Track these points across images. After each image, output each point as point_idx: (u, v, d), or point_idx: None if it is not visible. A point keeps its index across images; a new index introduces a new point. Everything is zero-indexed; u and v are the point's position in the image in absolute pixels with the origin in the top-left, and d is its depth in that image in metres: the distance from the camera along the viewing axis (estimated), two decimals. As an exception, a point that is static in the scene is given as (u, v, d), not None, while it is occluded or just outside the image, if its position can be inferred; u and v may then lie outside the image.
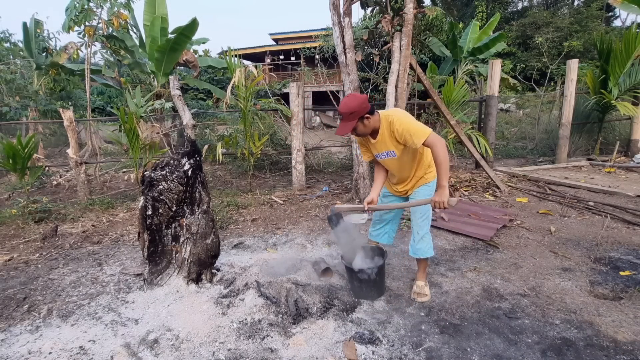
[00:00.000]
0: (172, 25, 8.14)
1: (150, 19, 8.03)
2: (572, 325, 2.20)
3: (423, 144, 2.22)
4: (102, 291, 2.81)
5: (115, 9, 7.30)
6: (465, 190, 5.23)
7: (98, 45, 8.25)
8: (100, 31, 7.47)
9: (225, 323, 2.26)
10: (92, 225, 4.44)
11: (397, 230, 2.85)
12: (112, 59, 9.20)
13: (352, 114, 2.26)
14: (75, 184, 5.90)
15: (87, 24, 7.15)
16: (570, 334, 2.12)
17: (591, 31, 16.16)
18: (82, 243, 3.92)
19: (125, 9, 7.57)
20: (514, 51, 17.29)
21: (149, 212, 2.54)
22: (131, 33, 8.44)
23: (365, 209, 2.47)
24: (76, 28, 7.23)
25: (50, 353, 2.08)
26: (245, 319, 2.29)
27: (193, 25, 7.56)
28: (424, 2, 5.23)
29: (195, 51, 13.39)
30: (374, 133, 2.41)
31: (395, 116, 2.33)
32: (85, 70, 7.58)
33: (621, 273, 2.80)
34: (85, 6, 6.95)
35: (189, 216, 2.64)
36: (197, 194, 2.66)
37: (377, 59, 6.03)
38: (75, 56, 8.53)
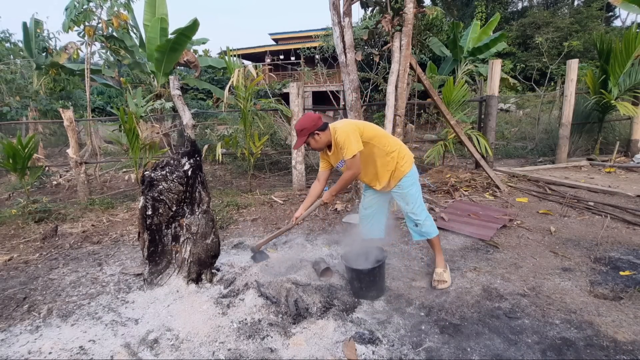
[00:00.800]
0: (172, 25, 8.15)
1: (150, 19, 8.04)
2: (572, 325, 2.20)
3: (347, 160, 2.49)
4: (102, 291, 2.81)
5: (115, 9, 7.30)
6: (465, 190, 5.23)
7: (98, 45, 8.26)
8: (100, 31, 7.48)
9: (225, 323, 2.26)
10: (92, 225, 4.44)
11: (385, 223, 2.96)
12: (112, 59, 9.20)
13: (303, 130, 2.51)
14: (75, 184, 5.90)
15: (87, 24, 7.16)
16: (570, 334, 2.12)
17: (591, 31, 16.14)
18: (82, 243, 3.93)
19: (125, 9, 7.57)
20: (514, 51, 17.28)
21: (149, 212, 2.54)
22: (131, 33, 8.44)
23: (294, 223, 2.84)
24: (76, 28, 7.23)
25: (50, 353, 2.08)
26: (245, 319, 2.29)
27: (194, 26, 7.57)
28: (424, 2, 5.23)
29: (195, 51, 13.39)
30: (330, 146, 2.65)
31: (338, 127, 2.54)
32: (85, 70, 7.58)
33: (621, 273, 2.80)
34: (85, 6, 6.96)
35: (189, 216, 2.64)
36: (197, 194, 2.66)
37: (377, 59, 6.03)
38: (75, 56, 8.54)
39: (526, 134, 9.34)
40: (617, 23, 20.22)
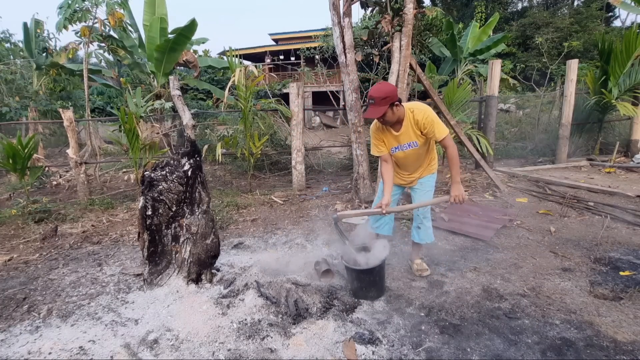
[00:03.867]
0: (173, 26, 8.14)
1: (149, 19, 8.03)
2: (572, 325, 2.20)
3: (442, 140, 2.47)
4: (102, 291, 2.81)
5: (111, 7, 7.30)
6: (465, 191, 5.23)
7: (96, 45, 8.27)
8: (97, 31, 7.47)
9: (225, 323, 2.26)
10: (92, 226, 4.44)
11: (394, 223, 3.03)
12: (111, 59, 9.20)
13: (385, 99, 2.33)
14: (75, 184, 5.90)
15: (83, 23, 7.16)
16: (570, 334, 2.12)
17: (591, 31, 16.14)
18: (82, 243, 3.92)
19: (121, 8, 7.57)
20: (513, 51, 17.27)
21: (149, 212, 2.54)
22: (129, 33, 8.44)
23: (384, 212, 2.53)
24: (71, 28, 7.23)
25: (50, 353, 2.08)
26: (245, 319, 2.28)
27: (192, 25, 7.55)
28: (424, 3, 5.22)
29: (195, 51, 13.38)
30: (398, 124, 2.52)
31: (417, 107, 2.49)
32: (84, 70, 7.59)
33: (621, 273, 2.80)
34: (78, 5, 6.95)
35: (189, 216, 2.64)
36: (197, 194, 2.66)
37: (377, 59, 6.03)
38: (70, 55, 8.54)
39: (526, 134, 9.32)
40: (617, 23, 20.23)
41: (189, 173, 2.60)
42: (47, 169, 6.53)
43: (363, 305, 2.48)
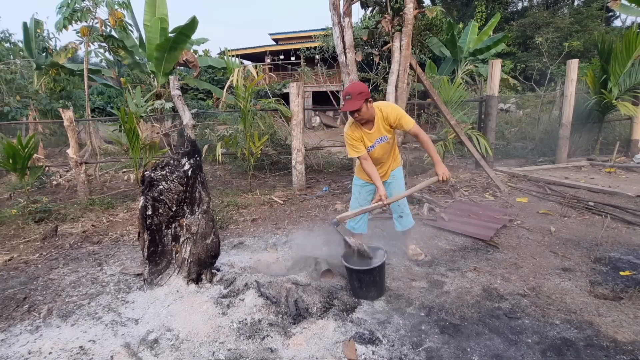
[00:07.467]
0: (173, 26, 8.14)
1: (150, 19, 8.04)
2: (572, 325, 2.20)
3: (411, 129, 2.70)
4: (102, 291, 2.81)
5: (111, 7, 7.30)
6: (465, 190, 5.23)
7: (96, 44, 8.27)
8: (97, 31, 7.48)
9: (225, 323, 2.26)
10: (92, 225, 4.44)
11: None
12: (111, 59, 9.20)
13: (361, 93, 2.57)
14: (75, 184, 5.90)
15: (83, 23, 7.16)
16: (570, 334, 2.12)
17: (591, 31, 16.13)
18: (82, 243, 3.92)
19: (122, 8, 7.58)
20: (514, 51, 17.27)
21: (149, 212, 2.54)
22: (129, 32, 8.45)
23: (385, 203, 2.64)
24: (71, 28, 7.23)
25: (50, 353, 2.08)
26: (245, 319, 2.29)
27: (192, 24, 7.55)
28: (424, 3, 5.22)
29: (195, 51, 13.38)
30: (370, 123, 2.74)
31: (385, 105, 2.75)
32: (84, 70, 7.59)
33: (621, 273, 2.80)
34: (77, 5, 6.95)
35: (189, 216, 2.64)
36: (197, 194, 2.66)
37: (377, 59, 6.02)
38: (69, 54, 8.55)
39: (526, 134, 9.32)
40: (617, 23, 20.19)
41: (189, 173, 2.60)
42: (47, 168, 6.53)
43: (363, 305, 2.48)
